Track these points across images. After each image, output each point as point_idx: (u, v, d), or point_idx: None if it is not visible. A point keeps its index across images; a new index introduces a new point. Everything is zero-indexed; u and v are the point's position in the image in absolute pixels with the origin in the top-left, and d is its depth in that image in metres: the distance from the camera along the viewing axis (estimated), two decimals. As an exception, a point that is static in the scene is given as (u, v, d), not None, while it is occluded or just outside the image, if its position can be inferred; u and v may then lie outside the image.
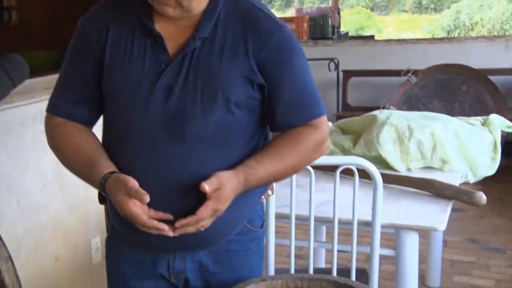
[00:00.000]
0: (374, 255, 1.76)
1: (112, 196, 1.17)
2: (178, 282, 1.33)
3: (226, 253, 1.33)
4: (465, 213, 4.10)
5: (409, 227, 1.83)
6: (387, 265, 3.13)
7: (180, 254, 1.30)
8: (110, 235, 1.39)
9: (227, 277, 1.34)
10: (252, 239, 1.37)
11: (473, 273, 3.19)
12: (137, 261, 1.32)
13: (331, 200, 1.75)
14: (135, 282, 1.33)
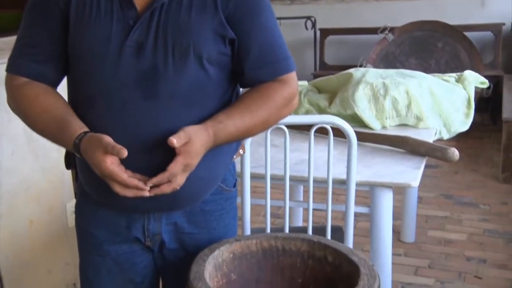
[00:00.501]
0: (349, 213, 1.78)
1: (88, 156, 1.14)
2: (153, 245, 1.32)
3: (201, 213, 1.33)
4: (439, 169, 4.16)
5: (383, 185, 1.85)
6: (363, 222, 3.18)
7: (155, 216, 1.29)
8: (80, 200, 1.36)
9: (203, 237, 1.35)
10: (226, 198, 1.37)
11: (447, 228, 3.25)
12: (110, 225, 1.31)
13: (307, 159, 1.75)
14: (109, 246, 1.32)
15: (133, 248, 1.32)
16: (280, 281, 1.37)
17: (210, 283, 1.22)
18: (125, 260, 1.33)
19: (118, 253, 1.32)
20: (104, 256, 1.32)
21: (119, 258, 1.32)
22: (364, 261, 1.26)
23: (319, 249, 1.34)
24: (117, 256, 1.32)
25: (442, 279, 2.69)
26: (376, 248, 1.93)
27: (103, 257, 1.33)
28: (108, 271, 1.33)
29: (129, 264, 1.33)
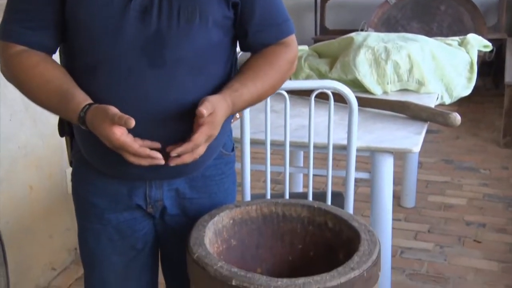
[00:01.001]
0: (350, 179, 1.77)
1: (95, 128, 1.11)
2: (154, 211, 1.32)
3: (202, 179, 1.33)
4: (440, 134, 4.15)
5: (384, 150, 1.84)
6: (363, 188, 3.19)
7: (156, 183, 1.28)
8: (78, 169, 1.34)
9: (204, 202, 1.35)
10: (226, 163, 1.37)
11: (447, 193, 3.26)
12: (111, 193, 1.29)
13: (307, 125, 1.74)
14: (110, 214, 1.31)
15: (134, 215, 1.32)
16: (280, 247, 1.37)
17: (210, 248, 1.23)
18: (126, 228, 1.33)
19: (119, 221, 1.32)
20: (105, 225, 1.32)
21: (120, 225, 1.32)
22: (365, 226, 1.26)
23: (319, 215, 1.34)
24: (118, 224, 1.32)
25: (441, 244, 2.71)
26: (376, 213, 1.93)
27: (104, 226, 1.32)
28: (109, 238, 1.33)
29: (130, 231, 1.33)
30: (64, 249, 2.52)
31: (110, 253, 1.34)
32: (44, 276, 2.40)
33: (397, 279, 2.39)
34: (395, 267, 2.45)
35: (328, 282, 1.06)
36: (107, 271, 1.36)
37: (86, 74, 1.17)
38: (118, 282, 1.38)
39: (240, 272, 1.08)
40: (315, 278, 1.07)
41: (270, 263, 1.38)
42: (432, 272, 2.48)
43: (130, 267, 1.37)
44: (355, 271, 1.10)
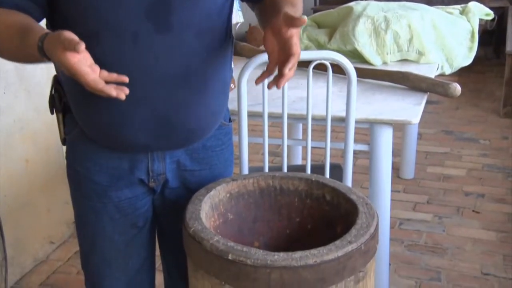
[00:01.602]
0: (348, 151, 1.76)
1: (52, 57, 1.03)
2: (157, 185, 1.31)
3: (203, 150, 1.32)
4: (441, 105, 4.13)
5: (383, 122, 1.82)
6: (362, 160, 3.18)
7: (158, 155, 1.27)
8: (74, 146, 1.30)
9: (204, 173, 1.34)
10: (225, 133, 1.37)
11: (446, 164, 3.26)
12: (112, 169, 1.27)
13: (305, 97, 1.71)
14: (111, 192, 1.29)
15: (136, 192, 1.31)
16: (278, 221, 1.36)
17: (207, 223, 1.22)
18: (128, 206, 1.31)
19: (120, 199, 1.30)
20: (106, 203, 1.30)
21: (122, 204, 1.31)
22: (363, 199, 1.25)
23: (317, 188, 1.33)
24: (119, 202, 1.30)
25: (440, 214, 2.72)
26: (375, 185, 1.93)
27: (104, 204, 1.30)
28: (111, 217, 1.32)
29: (132, 209, 1.32)
30: (63, 222, 2.52)
31: (111, 232, 1.33)
32: (42, 250, 2.41)
33: (395, 250, 2.40)
34: (394, 238, 2.46)
35: (325, 256, 1.06)
36: (109, 249, 1.35)
37: (87, 40, 1.10)
38: (118, 260, 1.37)
39: (236, 246, 1.07)
40: (312, 252, 1.06)
41: (268, 236, 1.37)
42: (430, 243, 2.49)
43: (130, 245, 1.36)
44: (352, 244, 1.09)
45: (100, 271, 1.39)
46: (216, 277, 1.09)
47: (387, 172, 1.92)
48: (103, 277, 1.39)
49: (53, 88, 1.30)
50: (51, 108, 1.31)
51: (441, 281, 2.23)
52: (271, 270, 1.04)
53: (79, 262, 2.38)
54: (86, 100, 1.19)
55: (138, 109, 1.16)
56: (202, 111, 1.23)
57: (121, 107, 1.15)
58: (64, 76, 1.21)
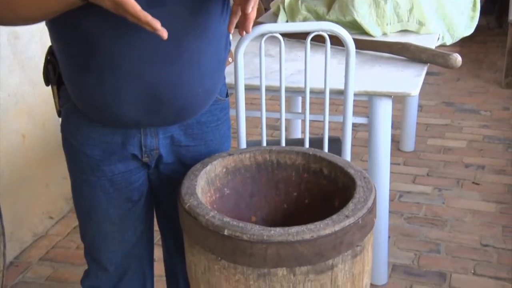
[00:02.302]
0: (347, 123, 1.75)
1: None
2: (150, 160, 1.30)
3: (197, 125, 1.31)
4: (441, 77, 4.09)
5: (382, 94, 1.80)
6: (362, 132, 3.17)
7: (151, 131, 1.26)
8: (68, 119, 1.30)
9: (200, 149, 1.33)
10: (221, 108, 1.35)
11: (447, 135, 3.24)
12: (105, 143, 1.27)
13: (303, 69, 1.69)
14: (104, 166, 1.29)
15: (129, 166, 1.30)
16: (275, 195, 1.36)
17: (203, 198, 1.21)
18: (121, 180, 1.31)
19: (114, 173, 1.30)
20: (99, 177, 1.30)
21: (115, 178, 1.30)
22: (360, 173, 1.24)
23: (314, 162, 1.32)
24: (113, 177, 1.30)
25: (440, 186, 2.72)
26: (374, 158, 1.92)
27: (98, 178, 1.30)
28: (104, 191, 1.31)
29: (126, 183, 1.32)
30: (61, 198, 2.52)
31: (105, 206, 1.33)
32: (41, 225, 2.42)
33: (395, 223, 2.41)
34: (393, 211, 2.46)
35: (322, 231, 1.05)
36: (103, 223, 1.35)
37: (77, 12, 1.08)
38: (114, 233, 1.37)
39: (232, 222, 1.06)
40: (309, 227, 1.06)
41: (265, 211, 1.37)
42: (430, 215, 2.49)
43: (126, 219, 1.36)
44: (350, 219, 1.09)
45: (96, 244, 1.40)
46: (212, 253, 1.09)
47: (386, 145, 1.91)
48: (99, 249, 1.40)
49: (47, 59, 1.28)
50: (46, 80, 1.30)
51: (440, 253, 2.24)
52: (267, 245, 1.03)
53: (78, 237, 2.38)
54: (77, 74, 1.18)
55: (129, 84, 1.14)
56: (194, 89, 1.21)
57: (111, 82, 1.14)
58: (58, 48, 1.20)
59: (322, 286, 1.09)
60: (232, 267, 1.08)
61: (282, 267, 1.05)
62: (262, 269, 1.06)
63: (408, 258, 2.21)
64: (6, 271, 2.12)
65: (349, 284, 1.13)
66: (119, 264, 1.42)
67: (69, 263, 2.24)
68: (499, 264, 2.16)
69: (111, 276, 1.43)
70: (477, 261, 2.18)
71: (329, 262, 1.08)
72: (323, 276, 1.09)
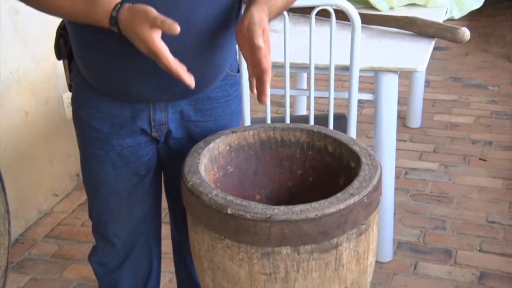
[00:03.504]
0: (352, 100, 1.73)
1: (131, 30, 1.03)
2: (159, 135, 1.30)
3: (207, 101, 1.30)
4: (449, 51, 4.05)
5: (388, 70, 1.78)
6: (368, 109, 3.14)
7: (160, 105, 1.25)
8: (78, 92, 1.29)
9: (209, 125, 1.33)
10: (232, 84, 1.34)
11: (454, 111, 3.22)
12: (114, 117, 1.26)
13: (308, 45, 1.67)
14: (113, 140, 1.29)
15: (138, 140, 1.30)
16: (279, 173, 1.35)
17: (206, 176, 1.20)
18: (130, 154, 1.31)
19: (123, 147, 1.29)
20: (108, 151, 1.30)
21: (124, 152, 1.30)
22: (366, 150, 1.23)
23: (319, 139, 1.31)
24: (122, 150, 1.30)
25: (446, 163, 2.70)
26: (380, 135, 1.91)
27: (106, 152, 1.30)
28: (113, 165, 1.31)
29: (134, 157, 1.31)
30: (66, 175, 2.52)
31: (113, 180, 1.33)
32: (46, 202, 2.42)
33: (400, 200, 2.40)
34: (399, 188, 2.45)
35: (326, 209, 1.04)
36: (111, 197, 1.36)
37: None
38: (121, 208, 1.38)
39: (235, 200, 1.06)
40: (313, 205, 1.05)
41: (269, 189, 1.36)
42: (436, 192, 2.48)
43: (133, 194, 1.36)
44: (354, 197, 1.08)
45: (104, 218, 1.40)
46: (215, 232, 1.09)
47: (392, 121, 1.89)
48: (107, 224, 1.41)
49: (59, 34, 1.28)
50: (57, 54, 1.29)
51: (445, 230, 2.23)
52: (271, 224, 1.03)
53: (83, 215, 2.40)
54: (85, 49, 1.17)
55: (136, 60, 1.12)
56: (204, 64, 1.19)
57: (118, 57, 1.14)
58: (68, 22, 1.20)
59: (327, 264, 1.09)
60: (235, 246, 1.07)
61: (286, 245, 1.05)
62: (266, 248, 1.06)
63: (413, 235, 2.21)
64: (12, 248, 2.14)
65: (353, 263, 1.13)
66: (127, 239, 1.42)
67: (74, 240, 2.25)
68: (505, 240, 2.16)
69: (119, 252, 1.44)
70: (483, 237, 2.18)
71: (333, 240, 1.07)
72: (328, 255, 1.08)
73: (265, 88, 1.10)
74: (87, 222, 1.44)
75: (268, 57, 1.09)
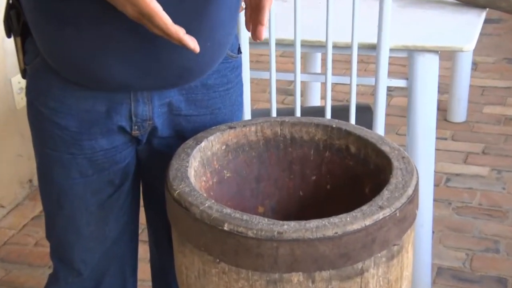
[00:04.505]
0: (380, 87, 1.75)
1: None
2: (142, 134, 1.31)
3: (203, 89, 1.32)
4: (503, 25, 4.07)
5: (426, 49, 1.80)
6: (399, 98, 3.16)
7: (144, 96, 1.26)
8: (35, 79, 1.29)
9: (204, 120, 1.34)
10: (232, 68, 1.36)
11: (509, 102, 3.24)
12: (84, 111, 1.26)
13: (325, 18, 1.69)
14: (82, 141, 1.29)
15: (115, 141, 1.31)
16: (288, 180, 1.36)
17: (196, 183, 1.22)
18: (104, 159, 1.31)
19: (95, 150, 1.30)
20: (75, 155, 1.30)
21: (96, 156, 1.31)
22: (398, 151, 1.25)
23: (338, 138, 1.32)
24: (94, 154, 1.30)
25: (499, 167, 2.72)
26: (415, 131, 1.93)
27: (73, 156, 1.30)
28: (81, 172, 1.32)
29: (109, 163, 1.32)
30: (15, 181, 2.54)
31: (82, 191, 1.34)
32: (-10, 216, 2.44)
33: (441, 214, 2.42)
34: (439, 199, 2.47)
35: (349, 225, 1.06)
36: (78, 213, 1.36)
37: None
38: (90, 226, 1.38)
39: (234, 214, 1.07)
40: (332, 220, 1.06)
41: (275, 200, 1.38)
42: (486, 204, 2.50)
43: (106, 208, 1.37)
44: (384, 210, 1.09)
45: (67, 240, 1.41)
46: (208, 253, 1.10)
47: (430, 114, 1.91)
48: (71, 247, 1.41)
49: (9, 4, 1.28)
50: (7, 30, 1.29)
51: (499, 253, 2.25)
52: (278, 243, 1.04)
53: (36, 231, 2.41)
54: (49, 23, 1.17)
55: (117, 37, 1.14)
56: (202, 43, 1.20)
57: (94, 33, 1.14)
58: None
59: (349, 295, 1.11)
60: (234, 271, 1.09)
61: (297, 271, 1.06)
62: (272, 274, 1.07)
63: (457, 260, 2.23)
64: None
65: (382, 293, 1.15)
66: (96, 266, 1.43)
67: (26, 264, 2.26)
68: None
69: (85, 283, 1.44)
70: (545, 263, 2.20)
71: (358, 265, 1.09)
72: (350, 284, 1.10)
73: (263, 13, 1.12)
74: (43, 241, 1.45)
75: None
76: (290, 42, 1.75)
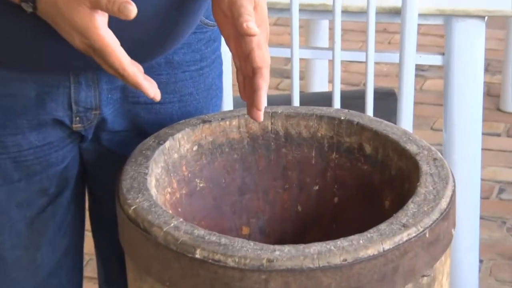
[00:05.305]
0: (406, 66, 1.76)
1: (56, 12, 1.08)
2: (86, 128, 1.33)
3: (168, 68, 1.34)
4: None
5: (467, 14, 1.82)
6: (433, 80, 3.18)
7: (87, 78, 1.28)
8: None
9: (171, 109, 1.37)
10: (208, 40, 1.39)
11: None
12: (6, 97, 1.28)
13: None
14: (6, 137, 1.30)
15: (48, 138, 1.32)
16: (282, 191, 1.38)
17: (159, 196, 1.23)
18: (34, 160, 1.33)
19: (22, 148, 1.32)
20: None
21: (23, 155, 1.32)
22: (428, 151, 1.26)
23: (348, 134, 1.34)
24: (20, 153, 1.32)
25: None
26: (453, 124, 1.94)
27: None
28: (4, 177, 1.33)
29: (41, 165, 1.34)
30: None
31: (5, 203, 1.35)
32: None
33: (491, 237, 2.43)
34: (488, 216, 2.48)
35: (361, 251, 1.07)
36: (2, 233, 1.37)
37: None
38: (16, 251, 1.39)
39: (209, 237, 1.08)
40: (340, 244, 1.07)
41: (265, 217, 1.39)
42: (552, 223, 2.52)
43: (37, 225, 1.38)
44: (409, 230, 1.11)
45: None
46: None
47: (476, 102, 1.92)
48: None
49: None
50: None
51: None
52: (268, 275, 1.05)
53: None
54: None
55: None
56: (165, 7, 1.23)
57: None
58: None
59: None
60: (209, 312, 1.10)
61: (294, 312, 1.08)
62: (260, 316, 1.09)
63: (513, 297, 2.24)
64: None
65: None
66: None
67: None
68: None
69: None
70: None
71: (374, 303, 1.11)
72: (365, 327, 1.11)
73: (260, 96, 1.15)
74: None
75: (263, 48, 1.14)
76: (286, 6, 1.76)
